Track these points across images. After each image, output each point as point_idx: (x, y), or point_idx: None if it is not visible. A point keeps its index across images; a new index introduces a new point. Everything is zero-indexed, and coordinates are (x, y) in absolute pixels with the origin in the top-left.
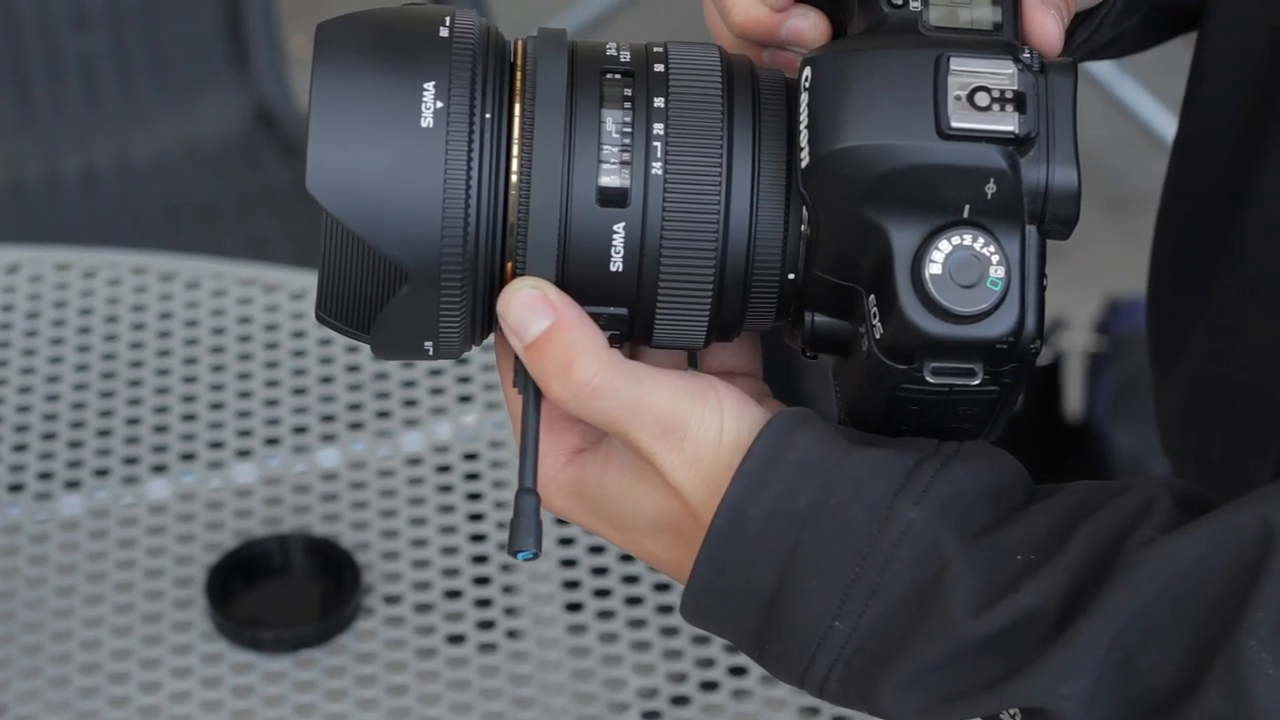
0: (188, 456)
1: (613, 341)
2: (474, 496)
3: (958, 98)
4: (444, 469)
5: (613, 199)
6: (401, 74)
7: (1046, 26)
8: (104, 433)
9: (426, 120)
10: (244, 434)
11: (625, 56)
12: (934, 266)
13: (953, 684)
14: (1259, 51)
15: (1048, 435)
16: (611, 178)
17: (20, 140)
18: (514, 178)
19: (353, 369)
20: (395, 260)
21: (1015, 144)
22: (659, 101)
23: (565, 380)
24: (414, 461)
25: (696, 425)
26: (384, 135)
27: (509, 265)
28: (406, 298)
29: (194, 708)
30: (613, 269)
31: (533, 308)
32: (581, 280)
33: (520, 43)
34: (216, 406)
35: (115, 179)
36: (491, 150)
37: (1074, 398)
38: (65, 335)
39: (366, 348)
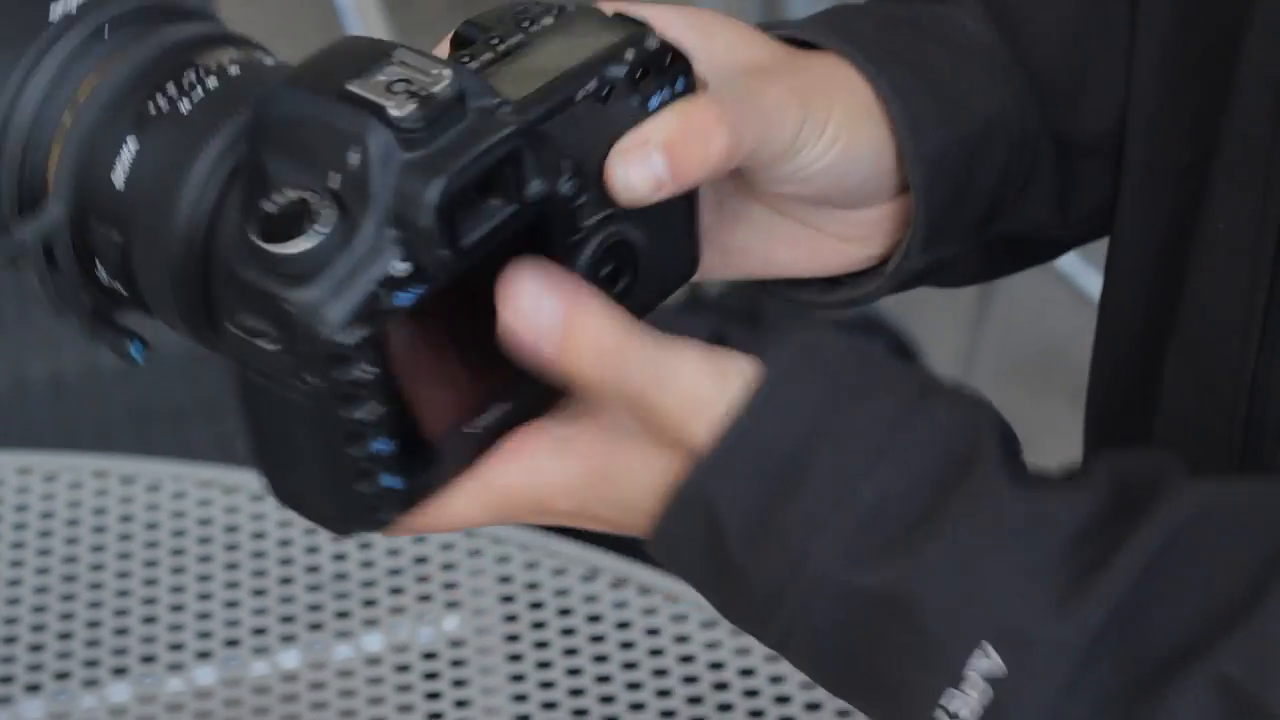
0: (148, 659)
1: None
2: (433, 695)
3: (379, 81)
4: (403, 669)
5: None
6: None
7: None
8: (64, 635)
9: None
10: (204, 635)
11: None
12: (270, 206)
13: None
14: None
15: None
16: None
17: None
18: None
19: (312, 569)
20: None
21: (395, 130)
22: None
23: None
24: (373, 661)
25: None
26: None
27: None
28: None
29: None
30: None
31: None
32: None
33: None
34: (177, 608)
35: (83, 383)
36: None
37: None
38: (26, 539)
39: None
